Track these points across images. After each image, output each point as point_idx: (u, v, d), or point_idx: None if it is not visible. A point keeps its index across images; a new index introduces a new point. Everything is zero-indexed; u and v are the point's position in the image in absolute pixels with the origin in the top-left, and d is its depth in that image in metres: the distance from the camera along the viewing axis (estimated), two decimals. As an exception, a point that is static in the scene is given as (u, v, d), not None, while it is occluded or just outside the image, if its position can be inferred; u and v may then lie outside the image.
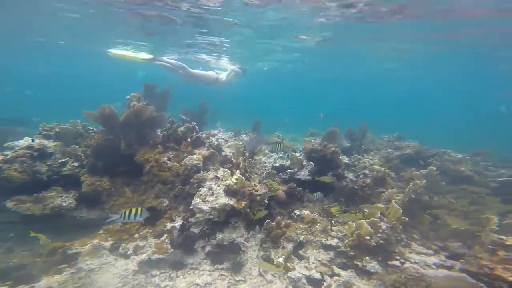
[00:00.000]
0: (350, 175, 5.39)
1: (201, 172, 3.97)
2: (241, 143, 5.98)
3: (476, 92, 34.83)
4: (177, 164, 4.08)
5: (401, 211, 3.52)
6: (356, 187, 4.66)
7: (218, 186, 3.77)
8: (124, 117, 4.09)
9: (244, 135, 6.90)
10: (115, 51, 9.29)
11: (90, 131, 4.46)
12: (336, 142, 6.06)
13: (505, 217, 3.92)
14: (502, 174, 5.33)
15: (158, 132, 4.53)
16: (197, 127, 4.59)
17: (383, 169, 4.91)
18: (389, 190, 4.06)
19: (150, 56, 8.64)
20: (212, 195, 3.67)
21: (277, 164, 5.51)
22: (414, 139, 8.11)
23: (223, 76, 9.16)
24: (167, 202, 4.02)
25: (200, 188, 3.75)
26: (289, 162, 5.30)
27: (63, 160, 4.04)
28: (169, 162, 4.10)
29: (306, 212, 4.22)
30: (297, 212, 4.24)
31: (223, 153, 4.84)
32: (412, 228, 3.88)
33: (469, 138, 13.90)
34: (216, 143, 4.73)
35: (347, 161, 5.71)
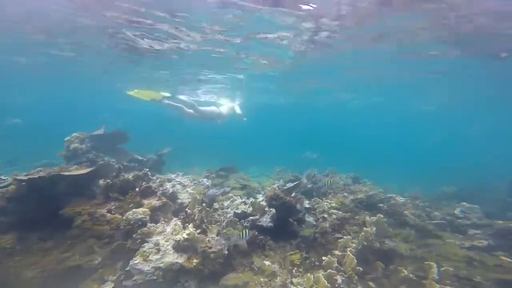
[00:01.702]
0: (311, 219, 5.41)
1: (148, 225, 3.55)
2: (201, 187, 5.72)
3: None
4: (119, 217, 3.61)
5: (356, 260, 3.53)
6: (315, 232, 4.66)
7: (166, 242, 3.38)
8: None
9: (206, 179, 6.64)
10: (133, 91, 8.82)
11: (3, 181, 3.78)
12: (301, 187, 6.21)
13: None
14: (435, 216, 5.87)
15: (101, 181, 4.06)
16: (149, 173, 4.27)
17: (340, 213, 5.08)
18: (345, 237, 4.12)
19: (168, 94, 8.50)
20: (158, 253, 3.25)
21: (239, 211, 5.31)
22: (370, 177, 8.78)
23: (223, 110, 9.41)
24: (100, 259, 3.41)
25: (144, 244, 3.31)
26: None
27: None
28: (108, 214, 3.61)
29: (267, 263, 4.02)
30: (257, 264, 4.00)
31: (179, 201, 4.51)
32: (367, 275, 3.85)
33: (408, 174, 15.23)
34: (171, 190, 4.42)
35: (307, 206, 5.78)
